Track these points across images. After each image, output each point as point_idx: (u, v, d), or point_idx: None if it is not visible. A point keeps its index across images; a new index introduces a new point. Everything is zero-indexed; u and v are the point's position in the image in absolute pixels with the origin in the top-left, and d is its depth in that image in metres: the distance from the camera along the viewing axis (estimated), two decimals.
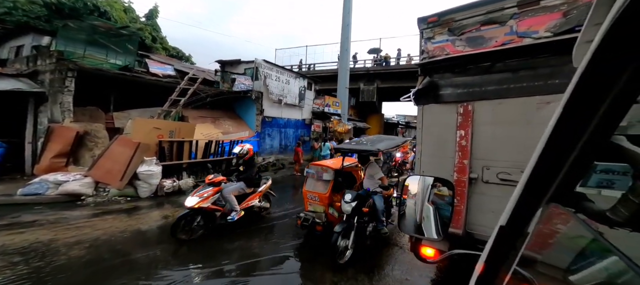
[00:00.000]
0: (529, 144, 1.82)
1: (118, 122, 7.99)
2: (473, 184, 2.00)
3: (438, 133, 2.21)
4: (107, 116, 8.12)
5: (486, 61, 1.98)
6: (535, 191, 0.41)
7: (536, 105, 1.78)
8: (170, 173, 6.62)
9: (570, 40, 1.64)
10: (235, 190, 4.11)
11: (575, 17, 1.65)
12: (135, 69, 8.89)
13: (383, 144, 3.75)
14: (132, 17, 16.55)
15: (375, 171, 3.76)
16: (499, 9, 1.93)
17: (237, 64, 11.95)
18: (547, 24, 1.75)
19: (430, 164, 2.27)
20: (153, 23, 17.81)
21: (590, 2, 1.57)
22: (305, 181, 4.16)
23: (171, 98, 8.21)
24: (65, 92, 6.73)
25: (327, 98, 14.56)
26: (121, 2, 16.14)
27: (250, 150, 4.44)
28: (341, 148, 4.07)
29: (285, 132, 12.60)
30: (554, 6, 1.74)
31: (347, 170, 4.17)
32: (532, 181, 0.41)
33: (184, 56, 19.21)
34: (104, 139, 6.83)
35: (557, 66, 1.70)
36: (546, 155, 0.39)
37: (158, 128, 6.86)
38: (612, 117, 0.34)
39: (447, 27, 2.16)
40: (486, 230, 1.92)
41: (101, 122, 7.52)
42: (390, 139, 4.60)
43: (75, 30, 8.20)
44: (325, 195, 3.79)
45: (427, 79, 2.30)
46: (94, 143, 6.72)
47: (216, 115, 10.29)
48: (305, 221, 3.71)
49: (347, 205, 3.13)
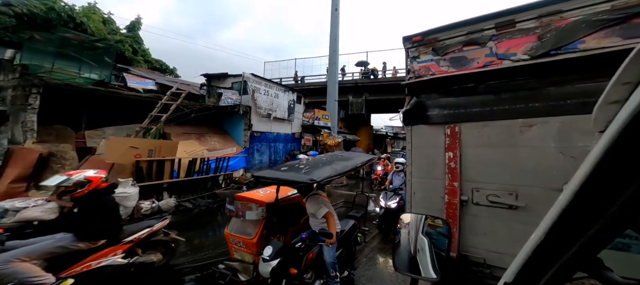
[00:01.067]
0: (515, 166, 1.78)
1: (90, 141, 7.36)
2: (464, 206, 1.96)
3: (427, 154, 2.18)
4: (78, 135, 7.44)
5: (469, 82, 1.98)
6: (550, 252, 0.38)
7: (519, 128, 1.77)
8: (150, 194, 6.16)
9: (547, 63, 1.64)
10: (32, 254, 2.27)
11: (549, 41, 1.66)
12: (111, 84, 8.30)
13: (327, 170, 2.49)
14: (112, 29, 15.85)
15: (317, 207, 2.58)
16: (479, 30, 1.93)
17: (224, 77, 11.60)
18: (524, 47, 1.76)
19: (420, 185, 2.22)
20: (135, 35, 17.14)
21: (563, 26, 1.43)
22: (229, 221, 3.05)
23: (152, 114, 7.70)
24: (29, 110, 6.08)
25: (317, 111, 14.45)
26: (100, 14, 15.47)
27: (94, 181, 2.68)
28: (260, 176, 2.57)
29: (275, 147, 12.24)
30: (529, 29, 1.75)
31: (288, 202, 3.09)
32: (548, 240, 0.37)
33: (168, 69, 18.54)
34: (72, 160, 6.21)
35: (536, 89, 1.74)
36: (568, 214, 0.35)
37: (135, 147, 6.37)
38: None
39: (431, 47, 2.16)
40: (479, 252, 1.88)
41: (70, 142, 6.88)
42: (347, 158, 3.25)
43: (43, 43, 7.57)
44: (252, 241, 2.69)
45: (414, 99, 2.27)
46: (61, 165, 6.06)
47: (202, 131, 9.80)
48: (221, 278, 2.59)
49: (265, 265, 2.14)
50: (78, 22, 12.97)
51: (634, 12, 1.43)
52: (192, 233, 5.15)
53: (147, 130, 7.50)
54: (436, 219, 1.59)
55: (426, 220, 1.73)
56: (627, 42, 1.43)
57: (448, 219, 1.95)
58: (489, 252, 1.85)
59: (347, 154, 3.79)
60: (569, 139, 1.60)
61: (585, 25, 1.56)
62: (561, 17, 1.64)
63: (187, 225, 5.52)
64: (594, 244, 0.35)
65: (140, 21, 17.81)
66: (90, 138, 7.34)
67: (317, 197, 2.69)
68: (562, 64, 1.61)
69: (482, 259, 1.86)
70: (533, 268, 0.39)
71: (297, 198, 3.17)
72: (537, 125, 1.72)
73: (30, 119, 6.09)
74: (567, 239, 0.36)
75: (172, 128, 8.62)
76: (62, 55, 7.87)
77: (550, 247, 0.37)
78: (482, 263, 1.87)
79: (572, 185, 0.34)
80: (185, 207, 6.61)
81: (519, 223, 1.74)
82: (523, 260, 0.40)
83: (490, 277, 1.83)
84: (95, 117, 8.02)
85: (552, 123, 1.67)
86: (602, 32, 1.50)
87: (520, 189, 1.75)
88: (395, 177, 5.69)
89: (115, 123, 8.05)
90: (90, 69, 8.44)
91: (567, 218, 0.35)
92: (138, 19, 17.81)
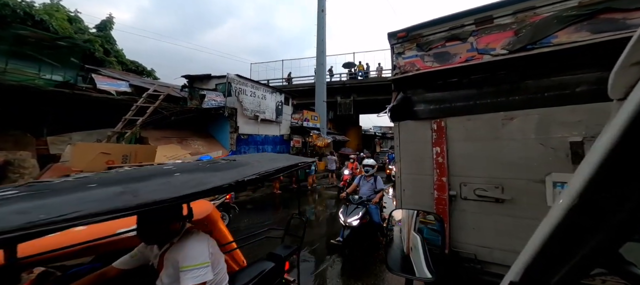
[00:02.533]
0: (499, 159, 1.80)
1: (54, 147, 6.56)
2: (453, 202, 1.97)
3: (415, 150, 2.19)
4: (39, 141, 6.62)
5: (452, 77, 2.02)
6: (563, 247, 0.33)
7: (501, 121, 1.81)
8: None
9: (523, 57, 1.71)
10: None
11: (525, 36, 1.72)
12: (78, 86, 7.49)
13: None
14: (79, 28, 14.55)
15: None
16: (460, 26, 1.98)
17: (207, 79, 10.98)
18: (502, 42, 1.82)
19: (410, 181, 2.22)
20: (106, 35, 15.88)
21: (536, 21, 1.74)
22: None
23: (126, 117, 7.01)
24: None
25: (306, 112, 14.16)
26: (65, 12, 14.15)
27: None
28: None
29: (263, 150, 11.76)
30: (506, 25, 1.82)
31: None
32: (561, 234, 0.32)
33: (146, 71, 17.39)
34: (33, 168, 5.61)
35: (516, 83, 1.78)
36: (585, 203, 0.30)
37: (107, 153, 5.74)
38: None
39: (416, 43, 2.19)
40: (469, 248, 1.88)
41: (30, 149, 6.18)
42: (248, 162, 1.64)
43: None
44: None
45: (401, 95, 2.28)
46: (19, 174, 5.46)
47: (184, 135, 9.14)
48: None
49: None
50: (38, 20, 11.73)
51: (599, 9, 1.51)
52: None
53: (121, 134, 6.80)
54: (428, 215, 1.58)
55: (418, 216, 1.72)
56: (596, 36, 1.50)
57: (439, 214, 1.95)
58: (479, 247, 1.84)
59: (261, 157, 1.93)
60: (548, 130, 1.64)
61: (556, 21, 1.63)
62: (534, 13, 1.71)
63: None
64: (618, 236, 0.31)
65: (112, 20, 16.58)
66: (53, 144, 6.56)
67: None
68: (538, 57, 1.67)
69: (473, 254, 1.85)
70: (543, 265, 0.35)
71: None
72: (518, 118, 1.74)
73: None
74: (583, 232, 0.32)
75: (150, 132, 7.93)
76: (17, 54, 6.99)
77: (563, 242, 0.33)
78: (473, 258, 1.85)
79: (586, 168, 0.29)
80: None
81: (506, 216, 1.75)
82: (530, 256, 0.36)
83: (482, 273, 1.82)
84: (61, 122, 7.16)
85: (531, 115, 1.70)
86: (572, 27, 1.58)
87: (506, 182, 1.76)
88: (363, 183, 4.31)
89: (84, 128, 7.25)
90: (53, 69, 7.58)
91: (583, 208, 0.30)
92: (109, 18, 16.57)
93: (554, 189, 1.56)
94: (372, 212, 3.95)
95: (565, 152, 1.55)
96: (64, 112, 7.15)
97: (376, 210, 4.06)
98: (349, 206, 3.90)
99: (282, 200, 8.44)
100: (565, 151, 1.55)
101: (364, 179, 4.36)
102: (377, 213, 4.08)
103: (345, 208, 3.91)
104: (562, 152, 1.56)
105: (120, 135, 6.81)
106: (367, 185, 4.27)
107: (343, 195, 4.55)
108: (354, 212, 3.76)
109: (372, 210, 3.95)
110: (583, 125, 1.50)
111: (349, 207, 3.87)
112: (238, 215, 6.38)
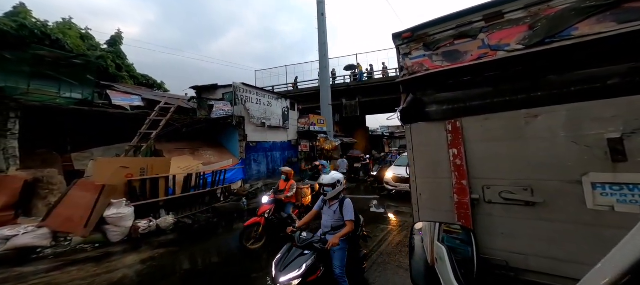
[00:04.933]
0: (525, 160, 1.66)
1: (78, 163, 6.91)
2: (477, 206, 1.83)
3: (430, 153, 2.07)
4: (64, 158, 6.97)
5: (465, 76, 1.91)
6: None
7: (524, 120, 1.68)
8: (146, 212, 5.91)
9: (543, 52, 1.58)
10: None
11: (542, 29, 1.61)
12: (95, 102, 7.81)
13: None
14: (91, 45, 15.08)
15: None
16: (468, 23, 1.88)
17: (214, 89, 11.24)
18: (516, 37, 1.70)
19: (426, 185, 2.09)
20: (117, 50, 16.40)
21: (552, 14, 1.59)
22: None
23: (141, 132, 7.27)
24: (9, 137, 5.67)
25: (312, 117, 14.28)
26: (77, 29, 14.72)
27: None
28: None
29: (272, 156, 11.93)
30: (518, 19, 1.70)
31: None
32: None
33: (156, 84, 17.82)
34: (60, 184, 5.93)
35: (536, 78, 1.66)
36: None
37: (126, 167, 6.07)
38: None
39: (423, 42, 2.09)
40: (500, 254, 1.74)
41: (56, 166, 6.55)
42: None
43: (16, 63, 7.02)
44: None
45: (410, 97, 2.17)
46: (48, 190, 5.81)
47: (195, 145, 9.39)
48: None
49: None
50: (54, 39, 12.27)
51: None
52: (201, 246, 5.11)
53: (138, 148, 7.06)
54: (452, 225, 1.45)
55: (441, 226, 1.60)
56: (623, 26, 1.36)
57: (460, 220, 1.84)
58: (511, 253, 1.72)
59: None
60: (580, 127, 1.52)
61: (574, 13, 1.53)
62: (549, 5, 1.60)
63: (192, 240, 5.39)
64: None
65: (121, 35, 17.11)
66: (77, 161, 6.90)
67: None
68: (559, 51, 1.56)
69: (504, 261, 1.73)
70: None
71: None
72: (543, 115, 1.62)
73: (12, 145, 5.70)
74: None
75: (163, 145, 8.20)
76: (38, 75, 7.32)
77: None
78: (504, 265, 1.74)
79: None
80: (185, 223, 6.33)
81: (540, 220, 1.63)
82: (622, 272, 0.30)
83: (515, 281, 1.69)
84: (82, 138, 7.51)
85: (558, 111, 1.58)
86: (593, 18, 1.47)
87: (536, 184, 1.64)
88: (326, 211, 2.74)
89: (103, 143, 7.57)
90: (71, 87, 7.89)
91: None
92: (118, 34, 17.10)
93: (594, 190, 1.42)
94: (335, 257, 2.45)
95: (603, 150, 1.41)
96: (84, 128, 7.48)
97: (341, 254, 2.46)
98: (287, 256, 2.41)
99: None
100: (603, 149, 1.41)
101: (326, 203, 2.76)
102: (343, 258, 2.47)
103: (282, 255, 2.44)
104: (599, 150, 1.42)
105: (137, 148, 7.06)
106: (329, 212, 2.71)
107: (290, 230, 2.66)
108: (294, 263, 2.31)
109: (335, 254, 2.45)
110: (621, 119, 1.37)
111: (291, 253, 2.42)
112: None
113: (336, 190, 2.70)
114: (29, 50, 8.44)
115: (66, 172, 6.30)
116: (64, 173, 6.17)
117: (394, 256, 4.11)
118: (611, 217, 1.35)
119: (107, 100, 8.63)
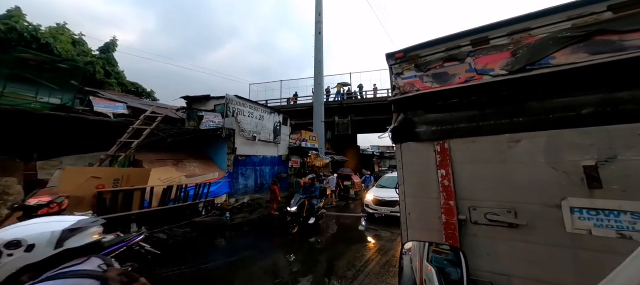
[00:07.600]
0: (508, 183, 1.73)
1: (43, 172, 6.37)
2: (463, 226, 1.86)
3: (419, 172, 2.11)
4: (28, 166, 6.43)
5: (453, 98, 1.98)
6: None
7: (507, 144, 1.74)
8: (115, 227, 5.31)
9: (523, 78, 1.69)
10: None
11: (523, 56, 1.69)
12: (75, 108, 7.46)
13: None
14: (82, 50, 14.86)
15: None
16: (456, 47, 1.96)
17: (206, 100, 11.06)
18: (500, 62, 1.79)
19: (415, 205, 2.12)
20: (108, 57, 16.21)
21: (533, 42, 1.68)
22: None
23: (120, 140, 6.91)
24: None
25: (304, 132, 14.17)
26: (69, 34, 14.53)
27: None
28: None
29: (261, 170, 11.59)
30: (502, 45, 1.79)
31: None
32: None
33: (145, 92, 17.55)
34: (18, 194, 5.31)
35: (518, 104, 1.74)
36: None
37: (97, 177, 5.63)
38: None
39: (414, 63, 2.17)
40: (485, 275, 1.75)
41: (17, 175, 5.95)
42: None
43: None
44: None
45: (401, 116, 2.22)
46: (3, 201, 5.16)
47: (179, 156, 9.00)
48: None
49: None
50: (43, 43, 12.00)
51: (593, 30, 1.49)
52: None
53: (115, 158, 6.66)
54: (441, 245, 1.45)
55: (430, 246, 1.61)
56: (593, 57, 1.47)
57: (448, 240, 1.85)
58: (495, 274, 1.73)
59: None
60: (558, 153, 1.58)
61: (552, 42, 1.62)
62: (529, 34, 1.71)
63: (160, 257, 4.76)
64: None
65: (115, 42, 17.02)
66: (42, 169, 6.38)
67: None
68: (538, 78, 1.64)
69: (489, 282, 1.75)
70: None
71: None
72: (524, 140, 1.68)
73: None
74: None
75: (145, 155, 7.80)
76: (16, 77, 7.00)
77: None
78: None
79: None
80: (158, 238, 5.85)
81: (523, 242, 1.66)
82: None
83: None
84: (54, 145, 7.02)
85: (539, 137, 1.64)
86: (568, 48, 1.57)
87: (519, 206, 1.68)
88: None
89: (79, 151, 7.11)
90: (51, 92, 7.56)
91: None
92: (113, 40, 17.02)
93: (572, 214, 1.49)
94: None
95: (580, 176, 1.48)
96: (59, 135, 7.04)
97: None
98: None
99: (279, 223, 8.16)
100: (579, 175, 1.48)
101: None
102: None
103: None
104: (576, 176, 1.50)
105: (114, 158, 6.66)
106: None
107: None
108: None
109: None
110: (595, 148, 1.45)
111: None
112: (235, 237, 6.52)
113: None
114: (13, 52, 8.15)
115: (27, 181, 5.78)
116: (24, 182, 5.63)
117: (382, 276, 4.12)
118: (589, 240, 1.42)
119: (89, 106, 8.29)
